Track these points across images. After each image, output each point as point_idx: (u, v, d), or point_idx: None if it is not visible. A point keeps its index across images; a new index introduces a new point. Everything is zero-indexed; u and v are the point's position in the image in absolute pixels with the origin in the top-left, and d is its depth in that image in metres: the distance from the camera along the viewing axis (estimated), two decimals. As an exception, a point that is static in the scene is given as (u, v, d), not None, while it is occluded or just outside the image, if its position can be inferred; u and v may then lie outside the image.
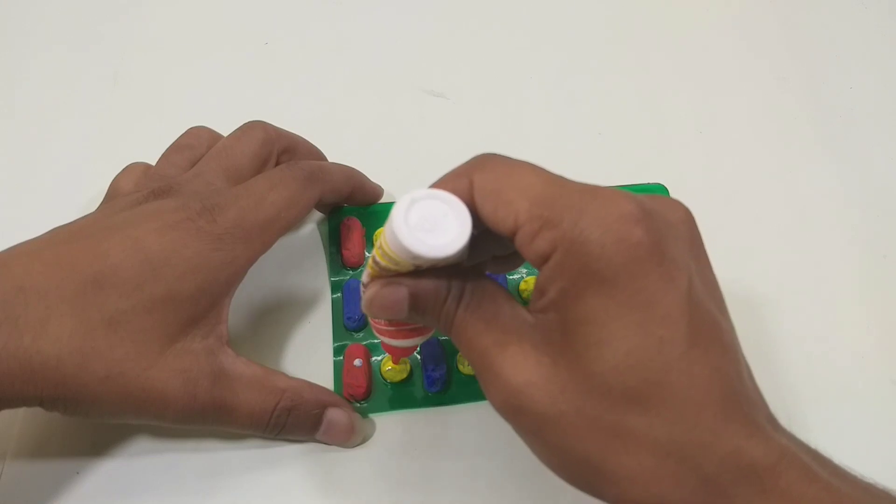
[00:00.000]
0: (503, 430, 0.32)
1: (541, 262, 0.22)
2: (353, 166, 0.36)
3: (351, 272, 0.35)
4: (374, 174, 0.37)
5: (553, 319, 0.22)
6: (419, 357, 0.33)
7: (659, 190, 0.38)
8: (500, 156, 0.24)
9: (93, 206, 0.32)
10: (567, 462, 0.22)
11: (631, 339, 0.21)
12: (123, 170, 0.33)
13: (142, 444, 0.31)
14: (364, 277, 0.26)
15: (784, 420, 0.23)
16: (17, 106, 0.42)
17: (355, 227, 0.36)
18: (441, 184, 0.23)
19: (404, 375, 0.32)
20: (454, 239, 0.22)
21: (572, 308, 0.21)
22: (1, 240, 0.28)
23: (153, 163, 0.33)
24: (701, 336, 0.21)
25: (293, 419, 0.30)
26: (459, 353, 0.33)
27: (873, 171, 0.40)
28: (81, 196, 0.37)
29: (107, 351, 0.26)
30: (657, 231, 0.21)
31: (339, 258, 0.35)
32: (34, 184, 0.39)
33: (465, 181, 0.23)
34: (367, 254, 0.36)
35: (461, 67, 0.44)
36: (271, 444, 0.31)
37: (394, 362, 0.32)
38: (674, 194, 0.38)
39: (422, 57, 0.44)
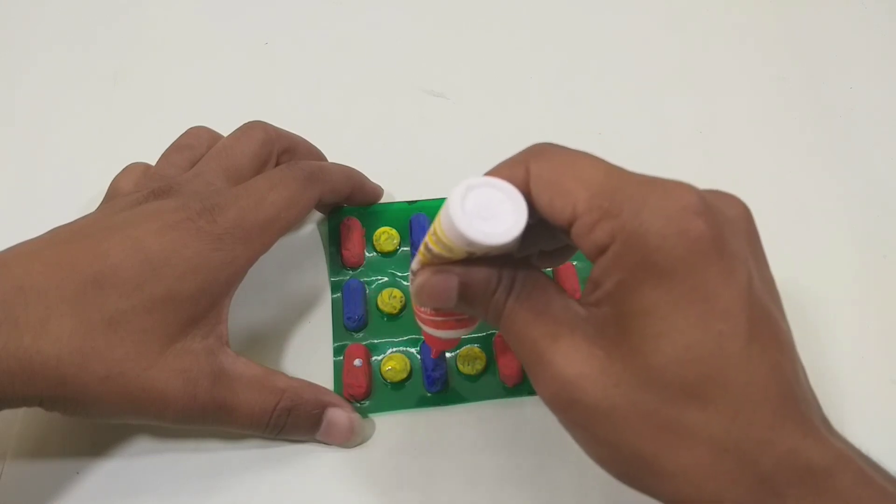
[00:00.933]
0: (503, 431, 0.32)
1: (597, 254, 0.21)
2: (353, 166, 0.36)
3: (351, 272, 0.35)
4: (374, 174, 0.37)
5: (608, 312, 0.22)
6: (419, 357, 0.33)
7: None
8: (556, 145, 0.23)
9: (93, 206, 0.32)
10: (618, 457, 0.22)
11: (690, 332, 0.20)
12: (123, 170, 0.33)
13: (142, 444, 0.31)
14: (414, 265, 0.25)
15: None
16: (18, 106, 0.42)
17: (355, 227, 0.36)
18: (496, 171, 0.23)
19: (404, 375, 0.32)
20: (511, 227, 0.22)
21: (629, 300, 0.21)
22: (1, 240, 0.28)
23: (153, 163, 0.33)
24: (760, 332, 0.21)
25: (293, 419, 0.30)
26: (459, 354, 0.33)
27: (873, 171, 0.40)
28: (81, 196, 0.37)
29: (107, 351, 0.26)
30: (718, 224, 0.21)
31: (339, 258, 0.35)
32: (34, 184, 0.39)
33: (521, 169, 0.23)
34: (366, 254, 0.36)
35: (461, 67, 0.44)
36: (271, 444, 0.31)
37: (433, 355, 0.31)
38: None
39: (422, 57, 0.44)
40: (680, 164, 0.40)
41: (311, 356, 0.33)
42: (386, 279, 0.35)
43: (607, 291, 0.21)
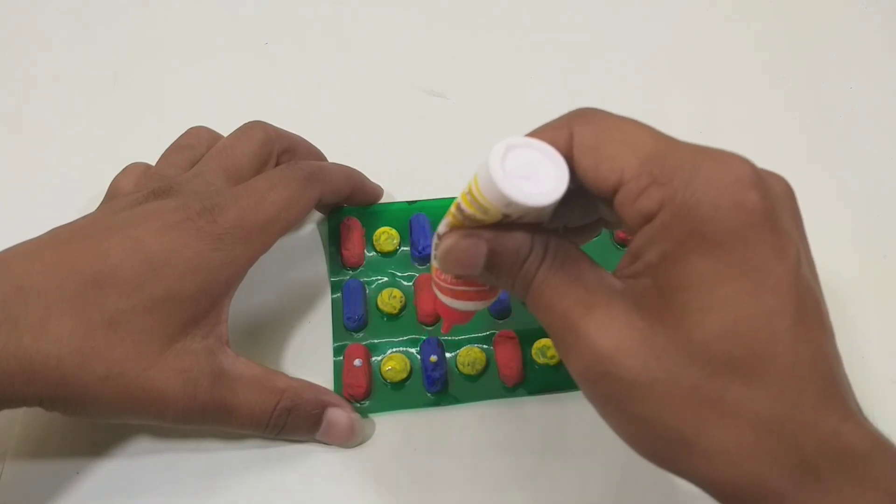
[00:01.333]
0: (503, 431, 0.32)
1: (642, 223, 0.21)
2: (353, 166, 0.36)
3: (351, 272, 0.35)
4: (374, 174, 0.37)
5: (648, 284, 0.21)
6: (419, 357, 0.33)
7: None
8: (602, 110, 0.23)
9: (93, 206, 0.32)
10: (652, 434, 0.21)
11: (740, 306, 0.20)
12: (123, 170, 0.33)
13: (142, 444, 0.31)
14: (441, 227, 0.24)
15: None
16: (18, 106, 0.42)
17: (355, 227, 0.36)
18: (538, 133, 0.22)
19: (404, 375, 0.32)
20: (552, 189, 0.21)
21: (674, 272, 0.20)
22: (1, 240, 0.28)
23: (153, 163, 0.33)
24: (806, 312, 0.20)
25: (293, 419, 0.30)
26: (459, 354, 0.33)
27: (873, 171, 0.40)
28: (81, 196, 0.37)
29: (107, 351, 0.26)
30: (771, 198, 0.20)
31: (339, 258, 0.35)
32: (34, 184, 0.39)
33: (564, 133, 0.22)
34: (366, 253, 0.36)
35: (461, 67, 0.44)
36: (271, 444, 0.31)
37: (444, 330, 0.30)
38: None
39: (422, 57, 0.44)
40: (680, 164, 0.40)
41: (311, 356, 0.33)
42: (386, 279, 0.35)
43: (649, 263, 0.21)
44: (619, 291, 0.22)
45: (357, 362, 0.32)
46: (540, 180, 0.21)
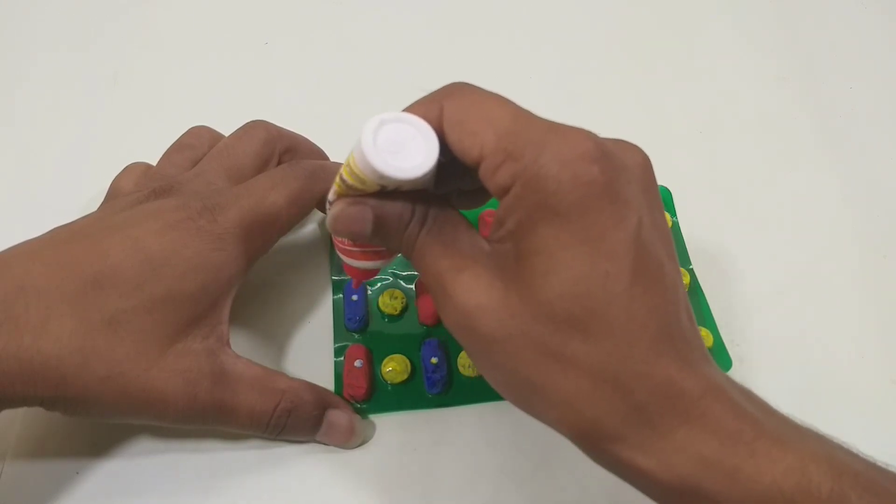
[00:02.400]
0: (503, 432, 0.32)
1: (502, 194, 0.22)
2: (354, 166, 0.36)
3: (351, 272, 0.35)
4: (375, 174, 0.37)
5: (508, 249, 0.23)
6: (420, 358, 0.33)
7: (661, 192, 0.37)
8: (472, 85, 0.24)
9: (93, 206, 0.32)
10: (512, 383, 0.23)
11: (578, 269, 0.21)
12: (124, 170, 0.33)
13: (142, 444, 0.31)
14: (330, 195, 0.25)
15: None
16: (18, 106, 0.42)
17: (355, 227, 0.36)
18: (412, 108, 0.24)
19: (405, 376, 0.32)
20: (420, 163, 0.22)
21: (526, 239, 0.22)
22: (1, 240, 0.28)
23: (153, 163, 0.33)
24: (644, 275, 0.22)
25: (293, 420, 0.30)
26: (460, 356, 0.33)
27: (873, 171, 0.40)
28: (81, 196, 0.37)
29: (107, 351, 0.26)
30: (612, 171, 0.22)
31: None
32: (34, 184, 0.39)
33: (436, 108, 0.23)
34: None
35: (461, 67, 0.43)
36: (271, 445, 0.31)
37: (354, 286, 0.32)
38: (675, 194, 0.38)
39: (422, 57, 0.44)
40: (680, 164, 0.40)
41: (311, 357, 0.33)
42: (387, 280, 0.35)
43: (509, 230, 0.23)
44: (486, 255, 0.24)
45: (358, 363, 0.32)
46: (411, 154, 0.23)
